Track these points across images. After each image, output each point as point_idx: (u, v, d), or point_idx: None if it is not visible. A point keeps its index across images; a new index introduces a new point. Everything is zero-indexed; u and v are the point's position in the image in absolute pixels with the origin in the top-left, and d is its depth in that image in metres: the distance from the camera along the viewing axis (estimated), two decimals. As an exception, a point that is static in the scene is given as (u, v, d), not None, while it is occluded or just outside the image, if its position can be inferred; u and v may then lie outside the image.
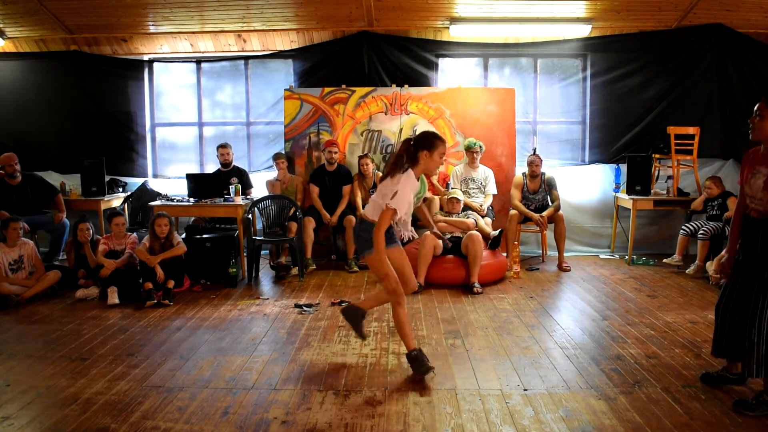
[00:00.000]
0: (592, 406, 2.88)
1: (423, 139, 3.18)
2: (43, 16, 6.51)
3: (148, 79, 7.29)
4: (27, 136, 7.08)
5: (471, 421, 2.75)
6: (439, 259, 5.30)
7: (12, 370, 3.38)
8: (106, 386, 3.14)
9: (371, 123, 6.65)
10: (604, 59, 6.83)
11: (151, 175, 7.30)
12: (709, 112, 6.72)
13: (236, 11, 6.48)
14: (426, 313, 4.49)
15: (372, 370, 3.38)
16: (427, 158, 3.15)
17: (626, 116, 6.82)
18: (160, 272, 4.85)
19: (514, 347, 3.73)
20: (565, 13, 6.54)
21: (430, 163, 3.17)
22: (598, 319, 4.34)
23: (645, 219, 6.77)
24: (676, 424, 2.68)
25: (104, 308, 4.68)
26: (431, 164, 3.18)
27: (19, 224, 5.10)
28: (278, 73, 7.21)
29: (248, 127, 7.28)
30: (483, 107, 6.61)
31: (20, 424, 2.72)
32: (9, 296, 4.74)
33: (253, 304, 4.79)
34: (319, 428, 2.69)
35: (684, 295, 4.97)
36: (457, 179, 6.27)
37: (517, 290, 5.20)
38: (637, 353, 3.60)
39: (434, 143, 3.14)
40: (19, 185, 6.03)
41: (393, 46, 6.86)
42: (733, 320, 2.93)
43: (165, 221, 5.10)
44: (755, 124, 2.85)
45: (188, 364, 3.46)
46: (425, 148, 3.14)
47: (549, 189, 6.21)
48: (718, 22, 6.54)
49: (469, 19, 6.63)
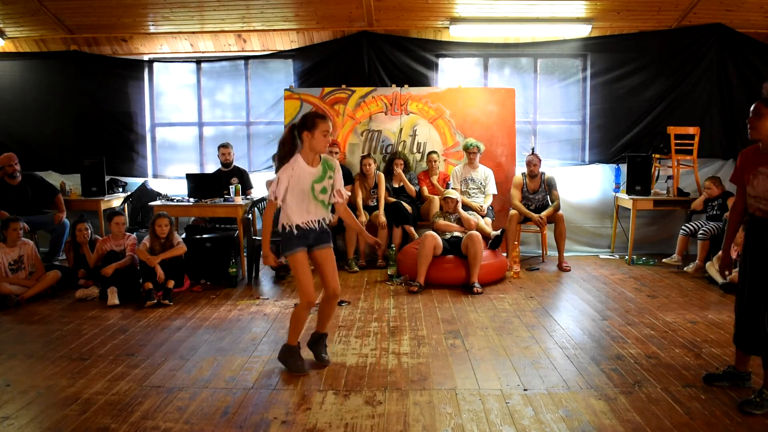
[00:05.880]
0: (592, 406, 2.88)
1: (303, 120, 3.21)
2: (43, 16, 6.51)
3: (148, 79, 7.29)
4: (27, 136, 7.08)
5: (471, 421, 2.75)
6: (439, 259, 5.29)
7: (12, 370, 3.38)
8: (106, 386, 3.14)
9: (371, 123, 6.65)
10: (604, 59, 6.83)
11: (151, 175, 7.30)
12: (709, 112, 6.72)
13: (236, 11, 6.48)
14: (426, 313, 4.49)
15: (372, 370, 3.38)
16: (310, 138, 3.17)
17: (626, 116, 6.83)
18: (160, 272, 4.85)
19: (514, 347, 3.73)
20: (565, 13, 6.54)
21: (314, 143, 3.17)
22: (598, 319, 4.34)
23: (645, 219, 6.76)
24: (676, 424, 2.68)
25: (104, 308, 4.68)
26: (316, 144, 3.17)
27: (19, 224, 5.10)
28: (278, 73, 7.22)
29: (248, 127, 7.28)
30: (483, 107, 6.61)
31: (20, 424, 2.72)
32: (9, 296, 4.73)
33: (253, 304, 4.79)
34: (319, 428, 2.69)
35: (684, 295, 4.97)
36: (457, 179, 6.27)
37: (517, 290, 5.20)
38: (637, 353, 3.60)
39: (315, 122, 3.16)
40: (19, 185, 6.03)
41: (393, 46, 6.87)
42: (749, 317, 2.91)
43: (165, 221, 5.09)
44: (753, 124, 2.85)
45: (188, 364, 3.46)
46: (306, 128, 3.17)
47: (549, 189, 6.21)
48: (718, 22, 6.54)
49: (469, 19, 6.63)
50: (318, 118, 3.20)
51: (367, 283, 5.49)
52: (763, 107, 2.80)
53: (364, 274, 5.82)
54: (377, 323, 4.26)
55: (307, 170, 3.19)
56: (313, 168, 3.22)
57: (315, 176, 3.21)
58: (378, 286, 5.38)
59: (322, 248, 3.34)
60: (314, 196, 3.22)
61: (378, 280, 5.58)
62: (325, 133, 3.18)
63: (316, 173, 3.22)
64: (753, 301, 2.86)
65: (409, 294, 5.06)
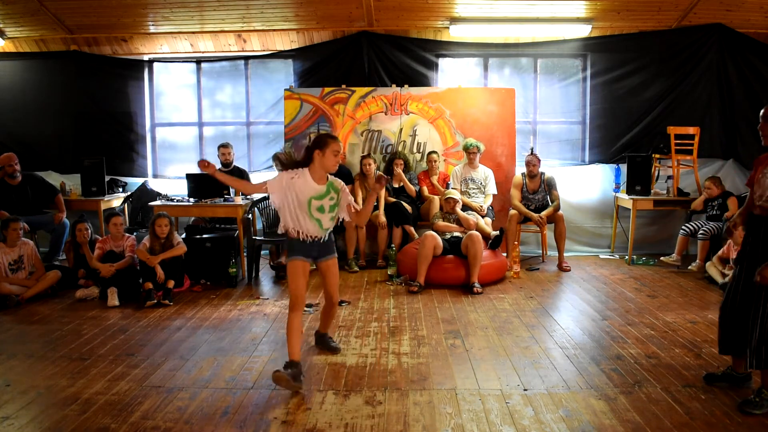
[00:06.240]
0: (592, 406, 2.88)
1: (317, 139, 3.31)
2: (43, 16, 6.51)
3: (148, 79, 7.29)
4: (27, 136, 7.08)
5: (471, 421, 2.75)
6: (439, 259, 5.29)
7: (12, 370, 3.38)
8: (106, 386, 3.14)
9: (371, 123, 6.65)
10: (604, 59, 6.83)
11: (151, 175, 7.30)
12: (709, 112, 6.72)
13: (236, 11, 6.48)
14: (426, 313, 4.49)
15: (372, 370, 3.38)
16: (321, 156, 3.24)
17: (626, 116, 6.83)
18: (160, 272, 4.85)
19: (514, 347, 3.73)
20: (565, 13, 6.54)
21: (325, 161, 3.26)
22: (598, 319, 4.34)
23: (645, 219, 6.76)
24: (676, 424, 2.68)
25: (104, 308, 4.68)
26: (326, 162, 3.26)
27: (19, 224, 5.10)
28: (278, 73, 7.22)
29: (248, 127, 7.28)
30: (483, 107, 6.61)
31: (20, 424, 2.72)
32: (9, 296, 4.73)
33: (253, 304, 4.79)
34: (319, 428, 2.69)
35: (684, 295, 4.97)
36: (457, 179, 6.27)
37: (517, 290, 5.20)
38: (637, 353, 3.60)
39: (327, 142, 3.26)
40: (19, 185, 6.02)
41: (393, 46, 6.87)
42: (737, 316, 2.92)
43: (165, 221, 5.09)
44: (765, 131, 2.86)
45: (188, 364, 3.46)
46: (318, 147, 3.25)
47: (549, 189, 6.21)
48: (718, 22, 6.54)
49: (469, 19, 6.63)
50: (330, 138, 3.30)
51: (367, 283, 5.49)
52: None
53: (364, 274, 5.82)
54: (377, 323, 4.26)
55: (310, 185, 3.24)
56: (318, 185, 3.26)
57: (316, 192, 3.25)
58: (378, 286, 5.38)
59: (326, 260, 3.42)
60: (309, 212, 3.24)
61: (378, 280, 5.58)
62: (335, 153, 3.26)
63: (319, 190, 3.26)
64: (745, 301, 2.87)
65: (409, 294, 5.06)
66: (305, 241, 3.29)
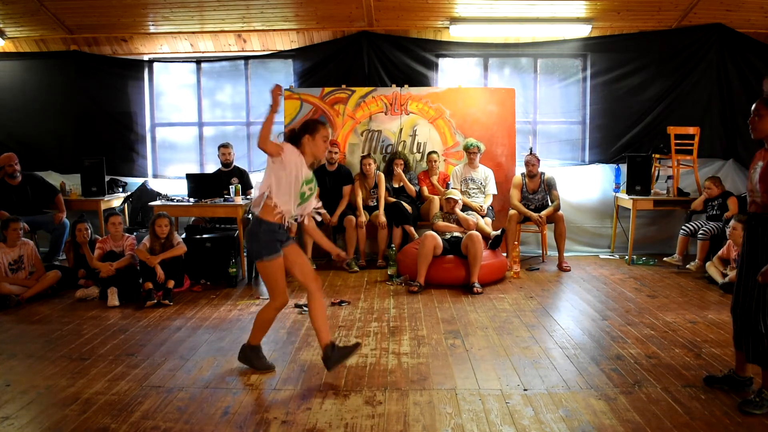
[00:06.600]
0: (592, 406, 2.88)
1: (305, 124, 3.28)
2: (43, 16, 6.51)
3: (148, 79, 7.29)
4: (27, 136, 7.08)
5: (471, 421, 2.75)
6: (439, 259, 5.29)
7: (12, 370, 3.38)
8: (106, 386, 3.14)
9: (371, 123, 6.65)
10: (604, 59, 6.83)
11: (151, 175, 7.30)
12: (709, 112, 6.72)
13: (236, 11, 6.48)
14: (426, 313, 4.49)
15: (372, 370, 3.38)
16: (310, 142, 3.22)
17: (626, 116, 6.83)
18: (160, 272, 4.85)
19: (514, 347, 3.73)
20: (565, 13, 6.54)
21: (314, 147, 3.23)
22: (598, 319, 4.34)
23: (645, 219, 6.76)
24: (676, 424, 2.68)
25: (104, 308, 4.68)
26: (316, 148, 3.24)
27: (19, 224, 5.10)
28: (278, 73, 7.21)
29: (248, 127, 7.28)
30: (483, 107, 6.61)
31: (20, 424, 2.72)
32: (9, 296, 4.73)
33: (253, 304, 4.79)
34: (319, 428, 2.69)
35: (684, 295, 4.97)
36: (457, 179, 6.27)
37: (517, 290, 5.20)
38: (637, 353, 3.60)
39: (316, 127, 3.24)
40: (19, 185, 6.03)
41: (393, 46, 6.86)
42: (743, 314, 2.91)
43: (165, 221, 5.09)
44: (755, 124, 2.84)
45: (188, 364, 3.47)
46: (308, 132, 3.23)
47: (548, 189, 6.21)
48: (718, 22, 6.54)
49: (469, 19, 6.63)
50: (319, 123, 3.29)
51: (367, 283, 5.49)
52: (763, 108, 2.79)
53: (364, 274, 5.82)
54: (377, 323, 4.26)
55: (306, 168, 3.21)
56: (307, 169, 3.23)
57: (306, 177, 3.22)
58: (378, 286, 5.38)
59: (289, 244, 3.31)
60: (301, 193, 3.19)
61: (378, 280, 5.58)
62: (325, 139, 3.25)
63: (308, 176, 3.23)
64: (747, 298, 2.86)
65: (409, 294, 5.06)
66: (280, 227, 3.19)
